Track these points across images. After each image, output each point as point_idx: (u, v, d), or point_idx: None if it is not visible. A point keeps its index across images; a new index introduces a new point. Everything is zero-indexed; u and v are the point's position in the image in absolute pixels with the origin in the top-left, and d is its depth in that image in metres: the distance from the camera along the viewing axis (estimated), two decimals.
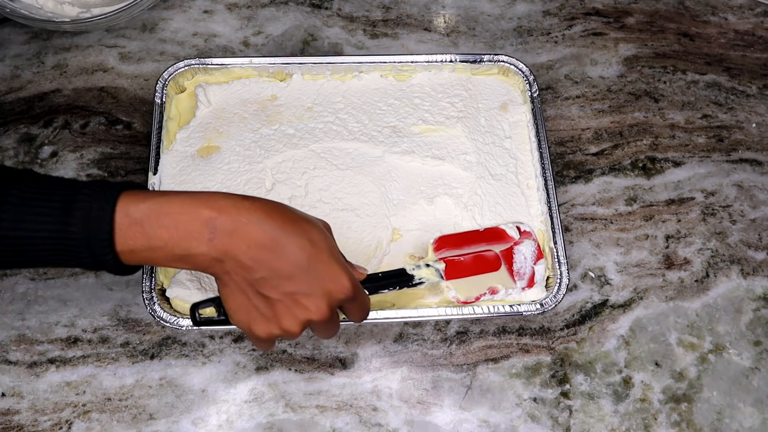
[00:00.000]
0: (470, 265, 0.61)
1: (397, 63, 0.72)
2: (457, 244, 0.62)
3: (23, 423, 0.59)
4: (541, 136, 0.69)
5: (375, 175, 0.67)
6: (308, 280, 0.45)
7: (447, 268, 0.60)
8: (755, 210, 0.75)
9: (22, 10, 0.68)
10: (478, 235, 0.63)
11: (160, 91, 0.68)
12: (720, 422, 0.64)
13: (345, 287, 0.46)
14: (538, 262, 0.64)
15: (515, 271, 0.63)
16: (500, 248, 0.63)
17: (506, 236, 0.64)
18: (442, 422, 0.62)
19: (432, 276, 0.59)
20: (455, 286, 0.61)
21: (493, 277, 0.62)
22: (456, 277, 0.60)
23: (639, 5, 0.87)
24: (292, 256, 0.44)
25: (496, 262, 0.62)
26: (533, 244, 0.64)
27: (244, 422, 0.60)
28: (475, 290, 0.61)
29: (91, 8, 0.71)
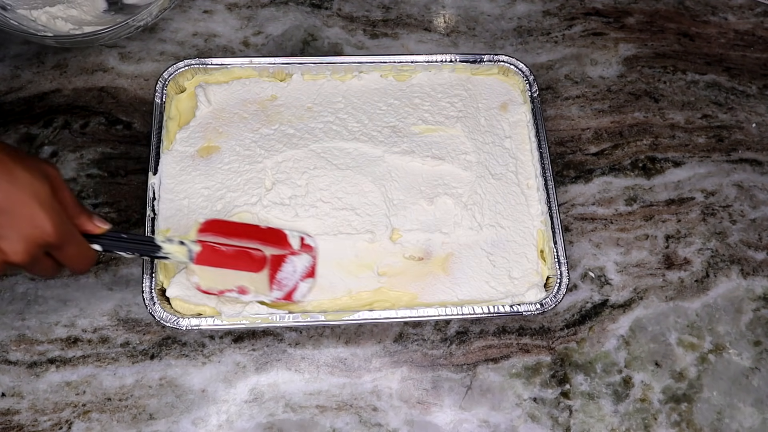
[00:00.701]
0: (229, 258, 0.57)
1: (397, 63, 0.72)
2: (228, 233, 0.58)
3: (23, 423, 0.59)
4: (541, 136, 0.69)
5: (375, 175, 0.67)
6: (4, 221, 0.44)
7: (201, 253, 0.56)
8: (755, 210, 0.75)
9: (12, 21, 0.69)
10: (255, 231, 0.59)
11: (160, 91, 0.68)
12: (720, 422, 0.64)
13: (45, 232, 0.45)
14: (306, 279, 0.60)
15: (277, 279, 0.59)
16: (273, 252, 0.59)
17: (285, 242, 0.60)
18: (442, 422, 0.62)
19: (180, 255, 0.55)
20: (201, 272, 0.57)
21: (247, 277, 0.58)
22: (207, 264, 0.56)
23: (639, 5, 0.87)
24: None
25: (259, 264, 0.58)
26: (309, 261, 0.60)
27: (244, 422, 0.60)
28: (221, 283, 0.57)
29: (84, 27, 0.72)
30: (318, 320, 0.59)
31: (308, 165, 0.67)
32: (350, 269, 0.63)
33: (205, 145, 0.67)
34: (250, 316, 0.59)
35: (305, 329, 0.64)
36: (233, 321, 0.58)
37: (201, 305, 0.60)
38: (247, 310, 0.59)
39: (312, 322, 0.59)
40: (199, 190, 0.64)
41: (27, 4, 0.71)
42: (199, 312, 0.60)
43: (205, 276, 0.57)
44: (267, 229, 0.60)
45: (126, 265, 0.66)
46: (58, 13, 0.72)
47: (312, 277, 0.60)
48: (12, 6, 0.70)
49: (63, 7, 0.73)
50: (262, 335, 0.64)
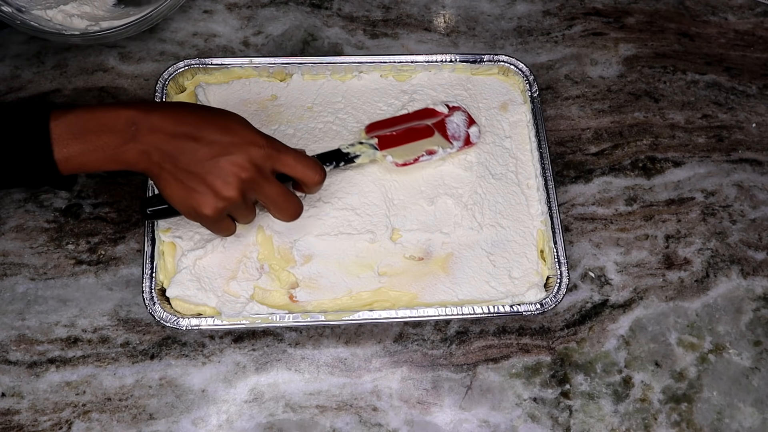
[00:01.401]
0: (403, 135, 0.65)
1: (397, 63, 0.72)
2: (388, 126, 0.66)
3: (23, 423, 0.59)
4: (541, 136, 0.69)
5: (375, 176, 0.67)
6: (224, 145, 0.49)
7: (380, 141, 0.64)
8: (755, 210, 0.75)
9: (31, 22, 0.69)
10: (408, 117, 0.67)
11: (160, 91, 0.68)
12: (720, 422, 0.64)
13: (259, 142, 0.51)
14: (471, 126, 0.68)
15: (450, 135, 0.67)
16: (432, 122, 0.67)
17: (436, 113, 0.68)
18: (442, 422, 0.62)
19: (366, 149, 0.63)
20: (392, 152, 0.64)
21: (427, 142, 0.66)
22: (390, 146, 0.64)
23: (639, 5, 0.87)
24: (208, 131, 0.50)
25: (428, 131, 0.66)
26: (463, 114, 0.68)
27: (244, 422, 0.60)
28: (411, 154, 0.65)
29: (100, 21, 0.72)
30: (318, 320, 0.59)
31: None
32: (350, 269, 0.63)
33: None
34: (250, 316, 0.59)
35: (305, 329, 0.64)
36: (233, 321, 0.58)
37: (201, 305, 0.60)
38: (248, 309, 0.59)
39: (312, 322, 0.59)
40: None
41: (40, 4, 0.71)
42: (199, 312, 0.60)
43: (396, 153, 0.64)
44: (414, 112, 0.68)
45: (126, 265, 0.66)
46: (72, 11, 0.72)
47: (474, 123, 0.69)
48: (26, 8, 0.70)
49: (76, 4, 0.73)
50: (262, 335, 0.64)
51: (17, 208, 0.67)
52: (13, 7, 0.69)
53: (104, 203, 0.68)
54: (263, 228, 0.63)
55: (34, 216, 0.67)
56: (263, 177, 0.51)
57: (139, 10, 0.73)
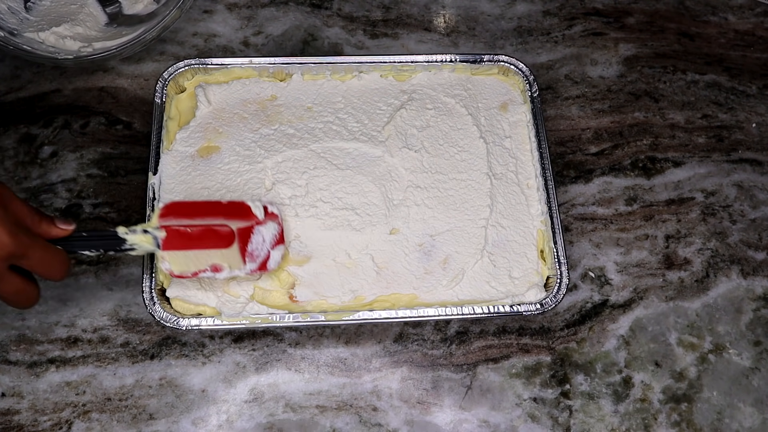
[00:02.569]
0: (196, 237, 0.56)
1: (397, 63, 0.72)
2: (190, 214, 0.57)
3: (23, 423, 0.59)
4: (541, 136, 0.69)
5: (375, 175, 0.67)
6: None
7: (167, 238, 0.55)
8: (755, 210, 0.75)
9: (24, 45, 0.68)
10: (217, 207, 0.59)
11: (160, 91, 0.68)
12: (720, 422, 0.64)
13: (2, 243, 0.45)
14: (276, 246, 0.60)
15: (248, 251, 0.58)
16: (238, 225, 0.58)
17: (249, 214, 0.59)
18: (442, 422, 0.62)
19: (146, 244, 0.54)
20: (171, 258, 0.56)
21: (218, 254, 0.57)
22: (176, 248, 0.56)
23: (639, 5, 0.87)
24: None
25: (228, 239, 0.57)
26: (276, 228, 0.60)
27: (244, 422, 0.60)
28: (194, 265, 0.56)
29: (93, 42, 0.72)
30: (318, 320, 0.59)
31: (308, 165, 0.67)
32: (349, 269, 0.63)
33: (205, 145, 0.67)
34: (250, 316, 0.59)
35: (305, 329, 0.64)
36: (233, 321, 0.58)
37: (201, 305, 0.60)
38: (248, 310, 0.59)
39: (312, 322, 0.59)
40: (198, 191, 0.64)
41: (32, 26, 0.71)
42: (199, 312, 0.60)
43: (176, 260, 0.56)
44: (228, 203, 0.59)
45: (126, 265, 0.66)
46: (65, 32, 0.71)
47: (282, 243, 0.60)
48: (18, 30, 0.70)
49: (68, 25, 0.72)
50: (262, 335, 0.64)
51: None
52: (6, 31, 0.69)
53: (104, 203, 0.68)
54: None
55: None
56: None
57: (131, 30, 0.72)
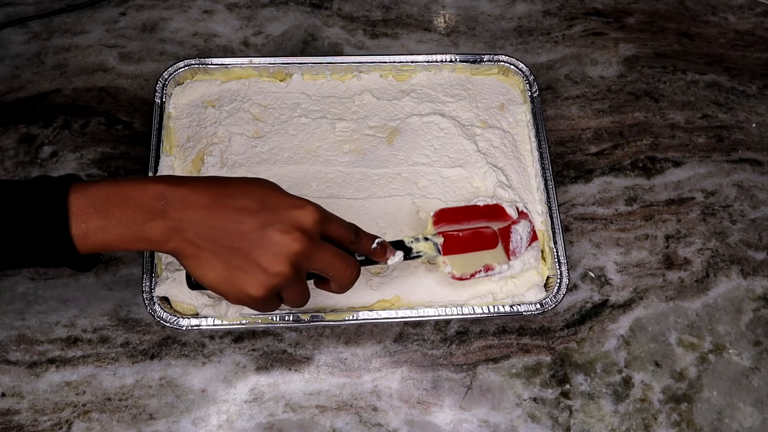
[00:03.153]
0: (468, 241, 0.60)
1: (397, 63, 0.72)
2: (456, 219, 0.61)
3: (23, 423, 0.59)
4: (541, 136, 0.69)
5: (374, 177, 0.67)
6: (269, 214, 0.44)
7: (445, 243, 0.59)
8: (755, 210, 0.75)
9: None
10: (477, 211, 0.62)
11: (160, 91, 0.68)
12: (720, 422, 0.64)
13: (310, 211, 0.45)
14: (532, 243, 0.63)
15: (511, 249, 0.62)
16: (498, 226, 0.62)
17: (505, 215, 0.63)
18: (442, 422, 0.62)
19: (430, 250, 0.58)
20: (451, 262, 0.59)
21: (488, 255, 0.61)
22: (453, 252, 0.59)
23: (639, 5, 0.87)
24: (247, 201, 0.44)
25: (493, 240, 0.61)
26: (529, 225, 0.63)
27: (244, 422, 0.60)
28: (470, 267, 0.60)
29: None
30: (318, 320, 0.59)
31: (308, 164, 0.67)
32: None
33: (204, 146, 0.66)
34: (250, 316, 0.59)
35: (305, 329, 0.64)
36: (233, 321, 0.58)
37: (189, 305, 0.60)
38: (230, 312, 0.58)
39: (312, 322, 0.59)
40: None
41: None
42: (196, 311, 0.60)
43: (456, 264, 0.59)
44: (486, 207, 0.63)
45: (126, 265, 0.66)
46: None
47: (536, 240, 0.64)
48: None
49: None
50: (262, 335, 0.64)
51: None
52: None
53: None
54: None
55: None
56: (315, 243, 0.45)
57: None
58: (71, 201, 0.42)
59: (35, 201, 0.42)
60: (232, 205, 0.43)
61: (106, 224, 0.42)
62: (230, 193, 0.44)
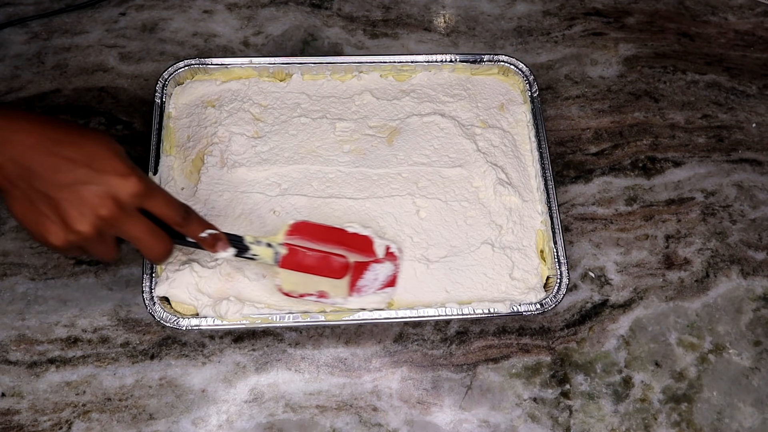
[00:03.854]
0: (313, 263, 0.57)
1: (397, 63, 0.72)
2: (314, 236, 0.58)
3: (23, 423, 0.59)
4: (541, 136, 0.69)
5: (374, 177, 0.67)
6: (89, 173, 0.44)
7: (287, 256, 0.56)
8: (755, 210, 0.75)
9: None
10: (341, 236, 0.59)
11: (160, 91, 0.68)
12: (720, 422, 0.64)
13: (132, 183, 0.45)
14: (385, 288, 0.60)
15: (357, 286, 0.59)
16: (357, 258, 0.59)
17: (370, 250, 0.60)
18: (442, 422, 0.62)
19: (267, 257, 0.56)
20: (286, 276, 0.57)
21: (328, 282, 0.58)
22: (292, 269, 0.57)
23: (639, 5, 0.87)
24: (74, 153, 0.44)
25: (341, 271, 0.58)
26: (392, 269, 0.61)
27: (244, 422, 0.60)
28: (303, 287, 0.57)
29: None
30: (318, 320, 0.59)
31: (308, 163, 0.67)
32: None
33: (204, 147, 0.66)
34: (250, 316, 0.59)
35: (305, 329, 0.64)
36: (233, 321, 0.58)
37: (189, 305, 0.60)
38: (230, 312, 0.59)
39: (312, 322, 0.59)
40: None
41: None
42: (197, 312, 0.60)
43: (288, 280, 0.57)
44: (354, 235, 0.60)
45: (126, 265, 0.66)
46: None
47: (392, 286, 0.61)
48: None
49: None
50: (262, 335, 0.64)
51: None
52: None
53: None
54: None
55: None
56: (126, 215, 0.46)
57: None
58: None
59: None
60: (56, 153, 0.44)
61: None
62: (60, 141, 0.44)
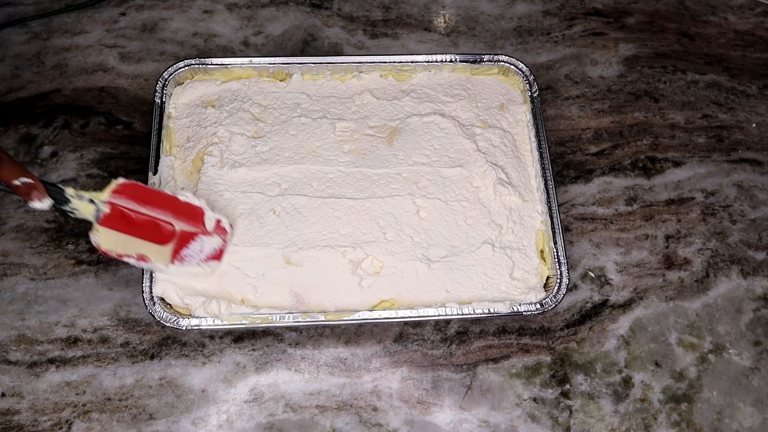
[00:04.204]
0: (137, 226, 0.55)
1: (397, 63, 0.72)
2: (142, 199, 0.56)
3: (23, 423, 0.59)
4: (541, 136, 0.69)
5: (374, 177, 0.67)
6: None
7: (109, 215, 0.54)
8: (755, 210, 0.75)
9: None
10: (172, 203, 0.57)
11: (160, 91, 0.68)
12: (720, 422, 0.64)
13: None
14: (210, 260, 0.59)
15: (181, 254, 0.58)
16: (183, 227, 0.57)
17: (200, 222, 0.58)
18: (442, 422, 0.62)
19: (87, 213, 0.53)
20: (106, 234, 0.54)
21: (150, 247, 0.56)
22: (113, 228, 0.54)
23: (639, 5, 0.87)
24: None
25: (166, 238, 0.57)
26: (219, 243, 0.59)
27: (244, 422, 0.60)
28: (122, 248, 0.55)
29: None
30: (318, 320, 0.59)
31: (309, 167, 0.67)
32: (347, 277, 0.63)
33: (198, 156, 0.66)
34: (250, 316, 0.59)
35: (305, 329, 0.64)
36: (233, 321, 0.58)
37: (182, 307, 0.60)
38: (222, 310, 0.59)
39: (312, 322, 0.59)
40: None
41: None
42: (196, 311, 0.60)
43: (107, 238, 0.54)
44: (184, 204, 0.58)
45: (126, 265, 0.66)
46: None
47: (218, 260, 0.60)
48: None
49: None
50: (262, 335, 0.64)
51: (17, 208, 0.67)
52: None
53: None
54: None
55: (34, 216, 0.67)
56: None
57: None
58: None
59: None
60: None
61: None
62: None
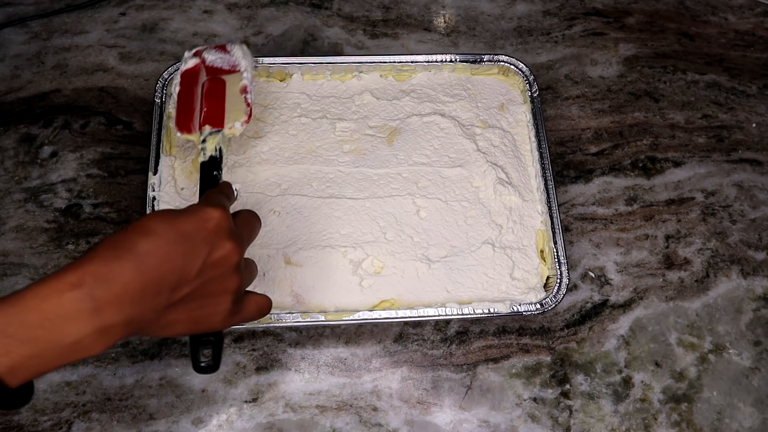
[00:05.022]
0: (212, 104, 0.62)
1: (397, 63, 0.72)
2: (190, 109, 0.62)
3: (23, 423, 0.59)
4: (541, 136, 0.69)
5: (375, 177, 0.67)
6: (197, 241, 0.41)
7: (207, 119, 0.60)
8: (755, 210, 0.75)
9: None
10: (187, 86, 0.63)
11: (160, 91, 0.68)
12: (720, 422, 0.64)
13: (214, 213, 0.43)
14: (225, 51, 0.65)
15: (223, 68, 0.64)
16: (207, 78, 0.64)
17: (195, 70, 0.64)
18: (442, 422, 0.62)
19: (215, 138, 0.59)
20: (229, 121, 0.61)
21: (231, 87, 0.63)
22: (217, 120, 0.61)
23: (639, 5, 0.87)
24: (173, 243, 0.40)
25: (220, 83, 0.64)
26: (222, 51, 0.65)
27: (244, 422, 0.60)
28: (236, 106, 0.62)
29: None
30: (318, 320, 0.59)
31: (309, 167, 0.67)
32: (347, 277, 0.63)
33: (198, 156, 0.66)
34: None
35: (305, 329, 0.64)
36: None
37: None
38: None
39: (312, 322, 0.59)
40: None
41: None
42: None
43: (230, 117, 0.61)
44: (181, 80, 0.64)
45: None
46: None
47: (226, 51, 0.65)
48: None
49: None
50: (262, 335, 0.64)
51: (17, 208, 0.67)
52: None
53: (104, 203, 0.68)
54: None
55: (34, 216, 0.67)
56: (241, 240, 0.45)
57: None
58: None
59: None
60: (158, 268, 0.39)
61: (29, 353, 0.35)
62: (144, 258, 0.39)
